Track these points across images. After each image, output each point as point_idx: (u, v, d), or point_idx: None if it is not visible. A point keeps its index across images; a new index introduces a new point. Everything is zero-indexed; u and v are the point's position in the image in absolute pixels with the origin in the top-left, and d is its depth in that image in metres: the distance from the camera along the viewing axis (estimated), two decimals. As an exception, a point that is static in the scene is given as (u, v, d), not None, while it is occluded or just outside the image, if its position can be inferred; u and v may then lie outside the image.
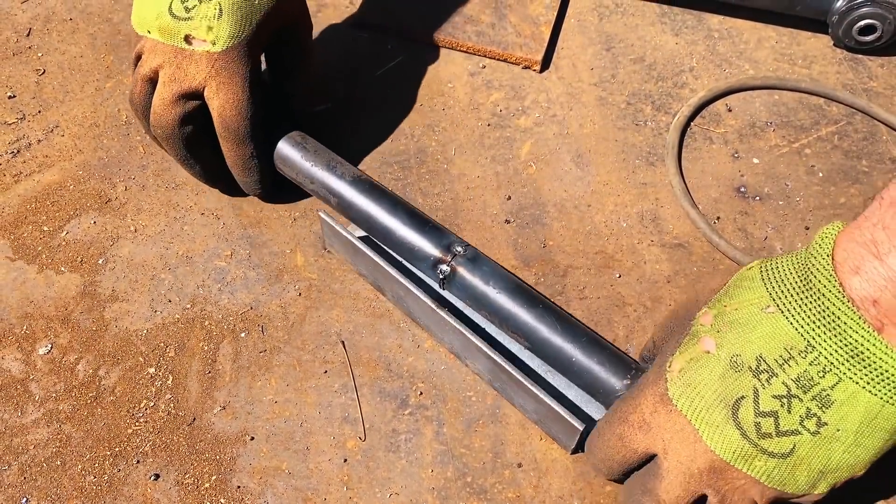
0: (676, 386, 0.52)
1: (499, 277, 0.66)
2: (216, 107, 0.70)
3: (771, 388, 0.49)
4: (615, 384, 0.61)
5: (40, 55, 0.89)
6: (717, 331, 0.52)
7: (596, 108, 0.85)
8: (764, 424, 0.49)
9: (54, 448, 0.65)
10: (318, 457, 0.65)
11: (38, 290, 0.73)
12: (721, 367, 0.51)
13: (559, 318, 0.64)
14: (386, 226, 0.70)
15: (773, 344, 0.49)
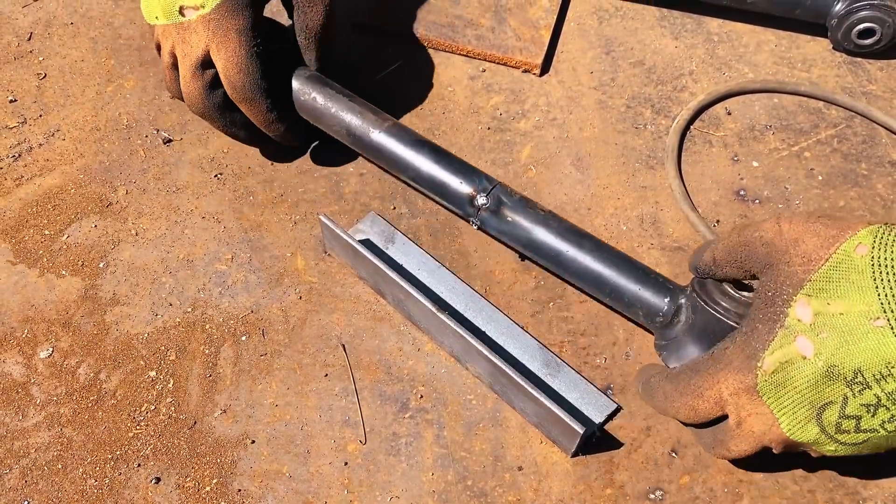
0: (767, 385, 0.52)
1: (530, 212, 0.68)
2: (220, 69, 0.71)
3: (861, 398, 0.49)
4: (659, 304, 0.64)
5: (41, 59, 0.89)
6: (816, 334, 0.50)
7: (596, 111, 0.85)
8: (845, 424, 0.50)
9: (55, 451, 0.65)
10: (319, 460, 0.65)
11: (39, 294, 0.73)
12: (816, 376, 0.50)
13: (596, 245, 0.66)
14: (417, 167, 0.72)
15: (875, 360, 0.48)
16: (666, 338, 0.64)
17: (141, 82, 0.87)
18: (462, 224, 0.77)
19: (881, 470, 0.64)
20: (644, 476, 0.64)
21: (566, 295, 0.73)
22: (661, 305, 0.64)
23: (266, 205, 0.79)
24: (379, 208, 0.78)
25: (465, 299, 0.72)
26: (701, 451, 0.65)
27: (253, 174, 0.81)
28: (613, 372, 0.69)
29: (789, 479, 0.64)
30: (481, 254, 0.76)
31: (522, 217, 0.68)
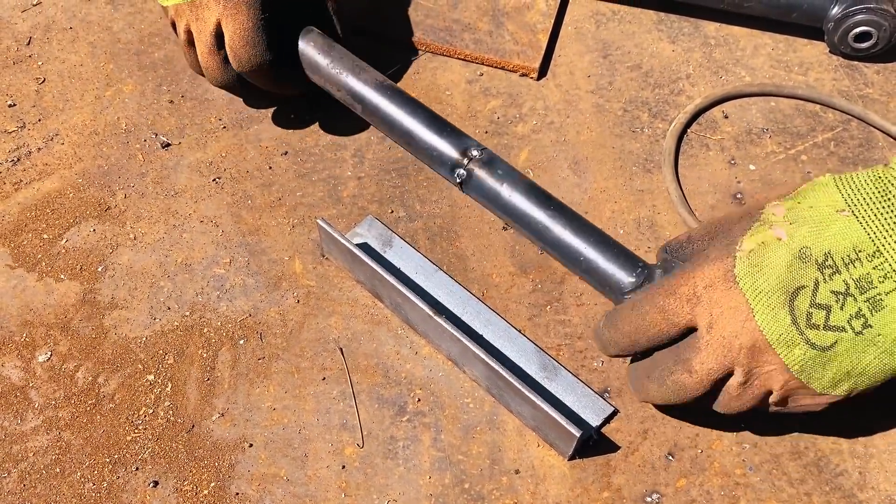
0: (744, 265, 0.53)
1: (513, 179, 0.70)
2: (227, 42, 0.73)
3: (831, 284, 0.51)
4: (623, 279, 0.65)
5: (40, 64, 0.89)
6: (789, 223, 0.54)
7: (593, 115, 0.85)
8: (815, 316, 0.52)
9: (54, 455, 0.66)
10: (317, 464, 0.65)
11: (37, 298, 0.74)
12: (790, 256, 0.52)
13: (571, 216, 0.67)
14: (408, 129, 0.75)
15: (843, 243, 0.51)
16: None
17: (139, 87, 0.88)
18: (460, 228, 0.78)
19: (877, 473, 0.65)
20: (641, 479, 0.65)
21: (563, 298, 0.73)
22: (628, 280, 0.64)
23: (264, 209, 0.79)
24: (377, 212, 0.79)
25: (462, 303, 0.72)
26: (698, 454, 0.65)
27: (251, 178, 0.81)
28: (610, 375, 0.69)
29: (786, 483, 0.64)
30: (479, 257, 0.76)
31: (504, 183, 0.70)
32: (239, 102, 0.86)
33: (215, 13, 0.72)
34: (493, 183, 0.70)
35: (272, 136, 0.84)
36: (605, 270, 0.66)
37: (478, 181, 0.71)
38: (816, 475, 0.65)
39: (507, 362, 0.69)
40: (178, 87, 0.87)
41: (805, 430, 0.66)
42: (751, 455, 0.65)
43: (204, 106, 0.86)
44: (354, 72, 0.77)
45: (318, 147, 0.83)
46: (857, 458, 0.65)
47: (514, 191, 0.69)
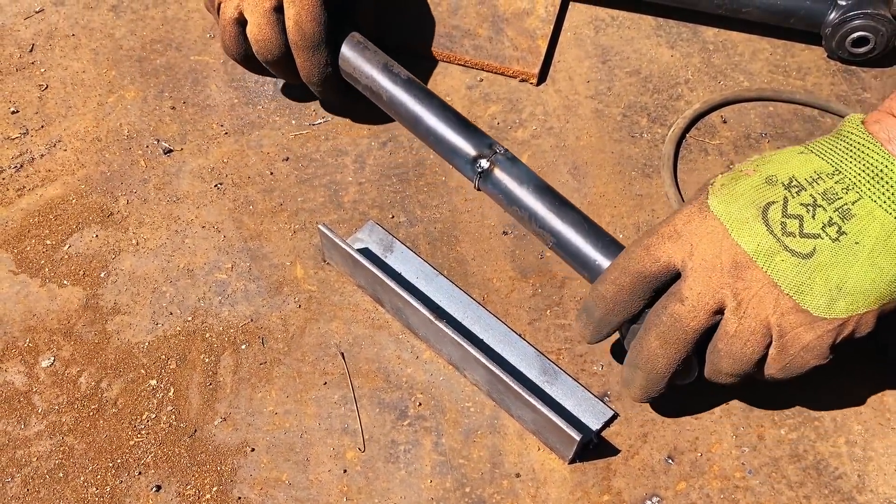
0: (716, 196, 0.57)
1: (532, 179, 0.71)
2: (292, 15, 0.75)
3: (799, 198, 0.55)
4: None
5: (43, 71, 0.90)
6: (755, 166, 0.58)
7: (592, 120, 0.86)
8: (789, 224, 0.54)
9: (57, 460, 0.66)
10: (318, 468, 0.65)
11: (40, 304, 0.74)
12: (758, 182, 0.57)
13: (583, 220, 0.68)
14: (430, 125, 0.76)
15: (804, 168, 0.56)
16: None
17: (142, 93, 0.88)
18: (461, 233, 0.78)
19: (876, 476, 0.65)
20: (641, 482, 0.65)
21: (563, 302, 0.74)
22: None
23: (266, 214, 0.79)
24: (377, 217, 0.79)
25: (462, 307, 0.73)
26: (698, 458, 0.66)
27: (253, 183, 0.81)
28: (610, 379, 0.70)
29: (785, 486, 0.65)
30: (479, 262, 0.76)
31: (517, 183, 0.71)
32: (240, 108, 0.87)
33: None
34: (512, 180, 0.71)
35: (273, 141, 0.84)
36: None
37: (497, 177, 0.72)
38: (815, 478, 0.65)
39: (508, 366, 0.69)
40: (180, 93, 0.88)
41: (809, 405, 0.67)
42: (750, 458, 0.66)
43: (206, 112, 0.87)
44: (385, 67, 0.79)
45: (319, 153, 0.84)
46: (855, 461, 0.66)
47: (531, 191, 0.70)
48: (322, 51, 0.77)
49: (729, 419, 0.68)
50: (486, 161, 0.72)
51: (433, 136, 0.76)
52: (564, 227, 0.68)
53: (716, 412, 0.68)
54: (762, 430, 0.67)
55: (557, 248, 0.70)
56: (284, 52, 0.77)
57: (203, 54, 0.91)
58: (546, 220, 0.69)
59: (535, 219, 0.70)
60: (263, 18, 0.75)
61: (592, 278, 0.68)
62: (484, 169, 0.72)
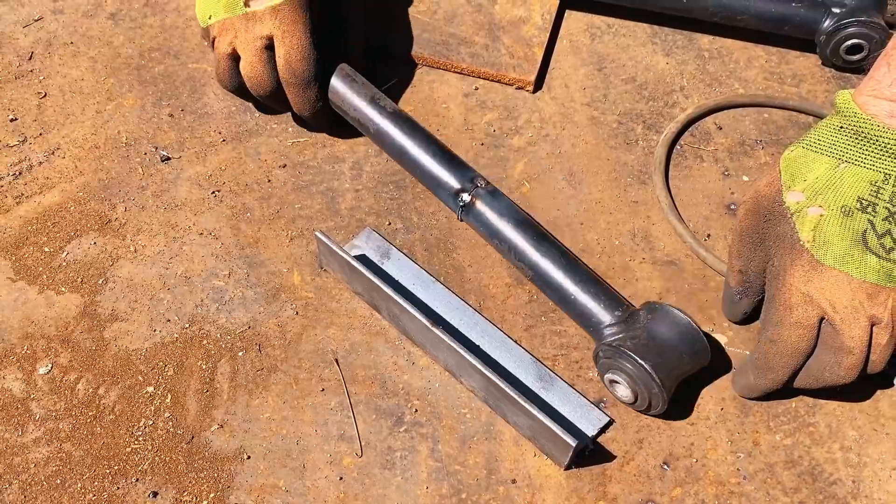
0: (817, 248, 0.62)
1: (512, 213, 0.73)
2: (283, 54, 0.77)
3: (878, 215, 0.62)
4: (605, 317, 0.68)
5: (42, 78, 0.90)
6: (814, 199, 0.63)
7: (588, 127, 0.86)
8: (886, 242, 0.61)
9: (54, 467, 0.66)
10: (315, 474, 0.66)
11: (38, 311, 0.74)
12: (838, 217, 0.62)
13: (562, 255, 0.71)
14: (416, 158, 0.78)
15: (861, 185, 0.62)
16: (615, 339, 0.67)
17: (140, 101, 0.88)
18: (457, 240, 0.78)
19: (871, 481, 0.65)
20: (636, 488, 0.65)
21: (559, 309, 0.74)
22: (608, 318, 0.68)
23: (263, 221, 0.80)
24: (374, 224, 0.79)
25: (459, 314, 0.73)
26: (693, 463, 0.66)
27: (250, 191, 0.82)
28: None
29: (780, 491, 0.65)
30: (475, 269, 0.77)
31: (498, 216, 0.74)
32: (238, 116, 0.87)
33: (269, 28, 0.77)
34: (493, 214, 0.74)
35: (271, 149, 0.85)
36: (589, 307, 0.69)
37: (478, 210, 0.74)
38: (811, 484, 0.65)
39: (504, 373, 0.70)
40: (178, 101, 0.88)
41: (804, 411, 0.67)
42: (745, 464, 0.66)
43: (203, 120, 0.87)
44: (373, 99, 0.80)
45: (317, 160, 0.84)
46: (850, 466, 0.66)
47: (512, 225, 0.72)
48: (312, 87, 0.79)
49: (724, 425, 0.68)
50: (468, 195, 0.75)
51: (418, 168, 0.78)
52: (542, 261, 0.71)
53: (711, 418, 0.68)
54: (757, 435, 0.67)
55: (535, 280, 0.72)
56: (276, 87, 0.79)
57: (201, 62, 0.91)
58: (525, 253, 0.71)
59: (514, 252, 0.72)
60: (255, 57, 0.77)
61: (569, 311, 0.70)
62: (466, 203, 0.74)
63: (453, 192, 0.76)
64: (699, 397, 0.69)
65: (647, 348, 0.64)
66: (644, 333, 0.65)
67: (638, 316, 0.67)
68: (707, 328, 0.73)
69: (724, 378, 0.70)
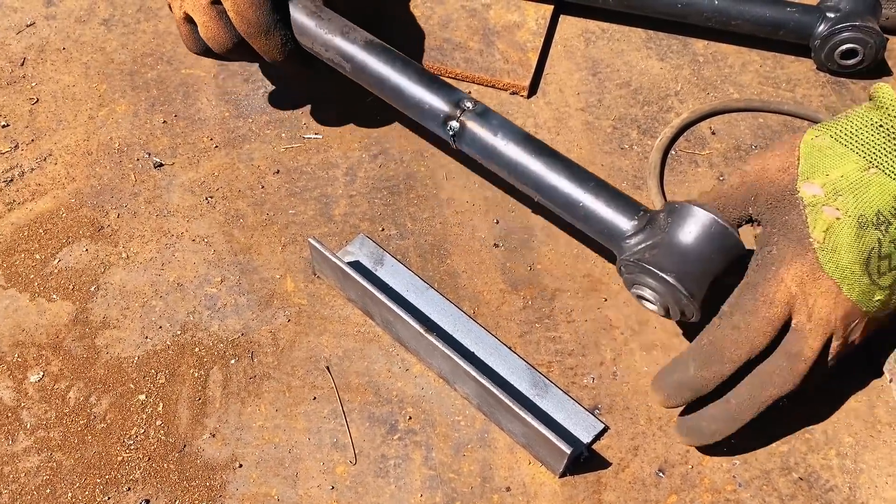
0: (824, 252, 0.59)
1: (507, 129, 0.69)
2: (230, 6, 0.73)
3: (888, 236, 0.59)
4: (623, 225, 0.64)
5: (34, 84, 0.90)
6: (834, 199, 0.60)
7: (583, 132, 0.86)
8: (882, 266, 0.59)
9: (45, 476, 0.66)
10: (308, 483, 0.65)
11: (29, 318, 0.74)
12: (852, 229, 0.59)
13: (568, 165, 0.67)
14: (397, 85, 0.73)
15: (884, 199, 0.58)
16: (635, 250, 0.63)
17: (132, 107, 0.88)
18: (451, 245, 0.78)
19: (867, 488, 0.65)
20: (632, 496, 0.65)
21: (554, 315, 0.74)
22: (629, 224, 0.64)
23: (256, 227, 0.79)
24: (368, 230, 0.79)
25: (453, 320, 0.73)
26: (689, 471, 0.66)
27: (243, 197, 0.81)
28: (601, 392, 0.70)
29: (776, 498, 0.64)
30: (469, 274, 0.76)
31: (499, 133, 0.69)
32: (231, 122, 0.87)
33: None
34: (487, 135, 0.69)
35: (264, 154, 0.84)
36: (603, 217, 0.64)
37: (471, 133, 0.70)
38: (807, 491, 0.65)
39: (498, 379, 0.69)
40: (171, 106, 0.88)
41: (800, 418, 0.67)
42: (741, 471, 0.66)
43: (197, 125, 0.87)
44: (343, 32, 0.76)
45: (310, 165, 0.84)
46: (846, 473, 0.66)
47: (509, 142, 0.68)
48: (275, 32, 0.76)
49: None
50: (456, 121, 0.70)
51: (402, 97, 0.73)
52: (549, 174, 0.66)
53: (706, 425, 0.68)
54: (753, 442, 0.67)
55: (544, 197, 0.68)
56: (238, 42, 0.76)
57: (194, 68, 0.91)
58: (528, 169, 0.67)
59: (516, 170, 0.68)
60: (206, 16, 0.74)
61: (585, 225, 0.66)
62: (456, 130, 0.70)
63: (441, 118, 0.71)
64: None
65: (669, 257, 0.60)
66: (665, 240, 0.61)
67: (658, 220, 0.63)
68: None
69: (719, 384, 0.70)
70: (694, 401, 0.63)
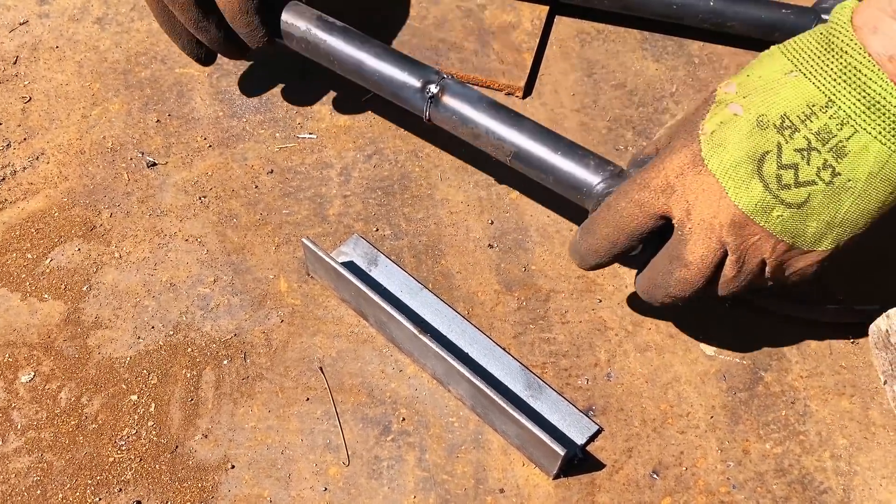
0: (708, 146, 0.55)
1: (483, 98, 0.72)
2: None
3: (793, 143, 0.53)
4: (593, 180, 0.66)
5: (26, 83, 0.89)
6: (742, 97, 0.55)
7: (578, 133, 0.86)
8: (785, 176, 0.53)
9: (35, 477, 0.65)
10: (300, 484, 0.65)
11: (21, 318, 0.73)
12: (748, 126, 0.54)
13: (539, 128, 0.70)
14: (374, 67, 0.75)
15: (796, 102, 0.53)
16: (601, 196, 0.65)
17: (126, 106, 0.88)
18: (445, 246, 0.78)
19: (861, 490, 0.65)
20: (626, 498, 0.64)
21: (548, 316, 0.73)
22: (598, 180, 0.66)
23: (249, 227, 0.79)
24: (362, 230, 0.79)
25: (447, 321, 0.72)
26: (683, 472, 0.65)
27: (237, 197, 0.81)
28: (595, 393, 0.69)
29: (770, 500, 0.64)
30: (464, 275, 0.76)
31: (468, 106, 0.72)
32: (225, 121, 0.86)
33: None
34: (460, 102, 0.72)
35: (258, 154, 0.84)
36: (573, 174, 0.67)
37: (447, 101, 0.73)
38: (801, 493, 0.65)
39: (492, 381, 0.69)
40: (165, 106, 0.88)
41: (794, 419, 0.67)
42: (735, 473, 0.66)
43: (190, 125, 0.86)
44: (318, 21, 0.77)
45: (304, 165, 0.83)
46: (840, 475, 0.65)
47: (482, 111, 0.71)
48: (252, 14, 0.75)
49: (714, 433, 0.67)
50: (435, 86, 0.73)
51: (378, 76, 0.75)
52: (520, 137, 0.69)
53: (701, 426, 0.68)
54: (747, 444, 0.67)
55: (517, 159, 0.70)
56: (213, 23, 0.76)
57: (188, 67, 0.90)
58: (501, 131, 0.70)
59: (489, 134, 0.70)
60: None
61: (557, 183, 0.68)
62: (434, 94, 0.72)
63: (418, 87, 0.73)
64: (689, 405, 0.69)
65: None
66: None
67: (627, 174, 0.65)
68: (696, 336, 0.72)
69: (713, 386, 0.70)
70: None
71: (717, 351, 0.72)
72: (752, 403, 0.69)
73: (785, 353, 0.72)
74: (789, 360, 0.71)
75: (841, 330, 0.73)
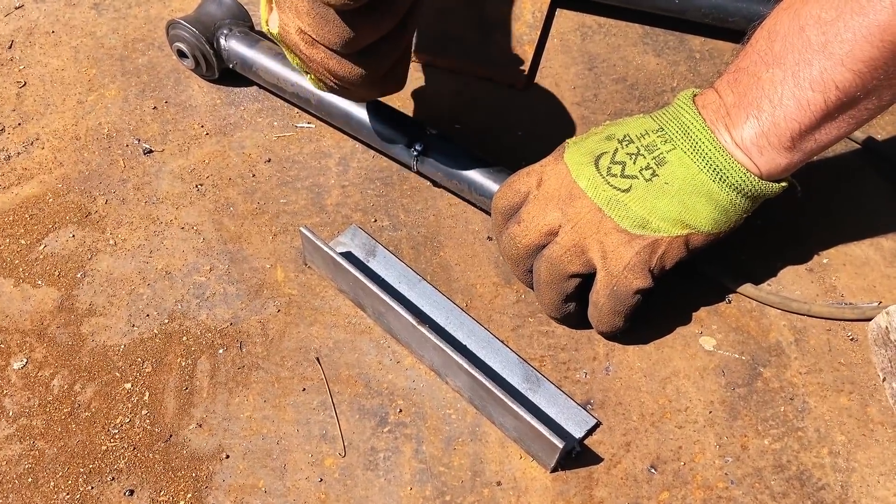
0: (569, 148, 0.69)
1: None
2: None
3: (626, 149, 0.67)
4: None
5: (22, 68, 0.88)
6: (606, 126, 0.70)
7: (578, 126, 0.85)
8: (614, 168, 0.66)
9: (27, 465, 0.64)
10: (296, 475, 0.64)
11: (14, 304, 0.72)
12: (600, 138, 0.69)
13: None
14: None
15: (637, 127, 0.68)
16: None
17: (122, 92, 0.87)
18: (444, 238, 0.77)
19: (859, 487, 0.64)
20: (623, 492, 0.64)
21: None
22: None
23: (246, 216, 0.78)
24: (360, 221, 0.78)
25: (445, 313, 0.72)
26: (681, 467, 0.65)
27: (233, 185, 0.80)
28: (593, 387, 0.69)
29: (768, 496, 0.64)
30: (463, 267, 0.75)
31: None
32: (223, 109, 0.86)
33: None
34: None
35: (256, 143, 0.83)
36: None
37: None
38: (799, 489, 0.64)
39: (490, 373, 0.69)
40: (162, 92, 0.87)
41: (792, 416, 0.66)
42: (733, 468, 0.65)
43: (187, 112, 0.85)
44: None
45: (302, 155, 0.83)
46: (839, 472, 0.65)
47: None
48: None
49: (712, 429, 0.67)
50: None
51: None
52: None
53: (699, 421, 0.67)
54: (745, 439, 0.67)
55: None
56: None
57: (186, 54, 0.90)
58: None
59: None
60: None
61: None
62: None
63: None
64: (688, 400, 0.68)
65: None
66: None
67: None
68: (696, 331, 0.72)
69: (712, 382, 0.70)
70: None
71: (716, 346, 0.72)
72: (751, 399, 0.69)
73: (784, 350, 0.71)
74: (788, 356, 0.71)
75: (839, 326, 0.72)
